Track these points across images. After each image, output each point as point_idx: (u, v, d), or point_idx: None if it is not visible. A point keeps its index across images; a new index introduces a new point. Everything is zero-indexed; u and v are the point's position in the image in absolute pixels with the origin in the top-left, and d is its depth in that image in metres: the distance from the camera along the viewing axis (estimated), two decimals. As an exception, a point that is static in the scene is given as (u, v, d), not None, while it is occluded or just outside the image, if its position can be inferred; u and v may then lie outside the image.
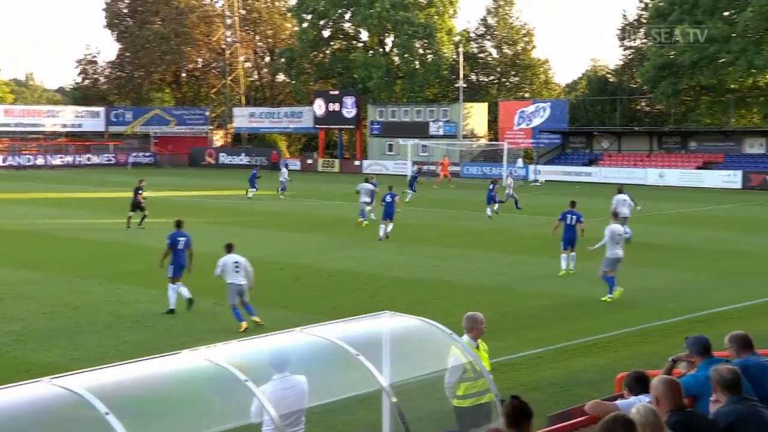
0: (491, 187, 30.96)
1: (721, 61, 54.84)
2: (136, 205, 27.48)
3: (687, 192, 45.48)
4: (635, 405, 4.91)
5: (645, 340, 12.95)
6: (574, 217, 19.31)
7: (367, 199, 28.70)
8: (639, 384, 6.02)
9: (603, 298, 16.07)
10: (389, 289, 17.32)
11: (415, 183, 33.73)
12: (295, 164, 67.83)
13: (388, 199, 25.47)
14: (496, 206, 30.67)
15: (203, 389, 5.62)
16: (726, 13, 55.12)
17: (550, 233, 20.51)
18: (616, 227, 16.86)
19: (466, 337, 7.73)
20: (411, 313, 7.32)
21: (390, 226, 25.10)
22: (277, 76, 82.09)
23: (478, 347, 7.85)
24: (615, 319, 14.41)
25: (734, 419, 5.30)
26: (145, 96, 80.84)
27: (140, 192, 27.80)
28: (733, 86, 55.97)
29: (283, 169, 42.61)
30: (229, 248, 14.29)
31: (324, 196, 41.29)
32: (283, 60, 74.94)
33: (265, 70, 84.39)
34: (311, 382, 6.26)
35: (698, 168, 51.57)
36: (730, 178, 48.21)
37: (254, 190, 39.13)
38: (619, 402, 6.04)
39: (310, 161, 68.48)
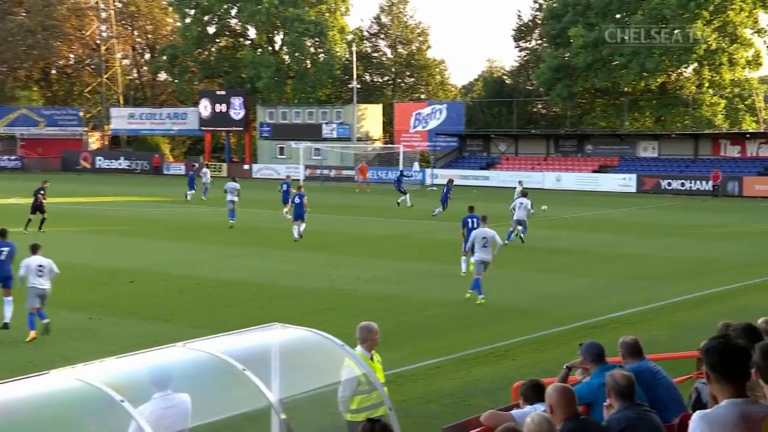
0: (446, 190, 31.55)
1: (614, 63, 57.57)
2: (37, 208, 27.61)
3: (584, 196, 47.38)
4: (530, 414, 5.07)
5: (543, 348, 13.37)
6: (475, 220, 19.70)
7: (235, 198, 30.26)
8: (535, 393, 6.22)
9: (477, 301, 16.53)
10: (281, 299, 17.21)
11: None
12: (179, 168, 66.34)
13: (297, 200, 26.54)
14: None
15: (74, 412, 5.41)
16: (618, 16, 57.98)
17: (459, 240, 20.64)
18: (484, 231, 17.41)
19: (359, 348, 7.76)
20: (303, 325, 7.28)
21: (303, 226, 26.34)
22: (158, 75, 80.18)
23: (372, 358, 7.90)
24: (513, 327, 14.82)
25: (626, 425, 5.56)
26: (9, 94, 77.06)
27: (42, 193, 27.93)
28: (626, 89, 58.83)
29: (206, 170, 45.63)
30: (35, 249, 14.19)
31: (210, 202, 40.54)
32: (164, 57, 73.29)
33: (146, 68, 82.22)
34: (195, 400, 6.14)
35: (594, 171, 53.85)
36: (625, 182, 50.60)
37: (192, 191, 41.07)
38: (514, 412, 6.21)
39: (195, 165, 67.06)
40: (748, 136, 51.36)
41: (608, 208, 39.34)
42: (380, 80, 78.03)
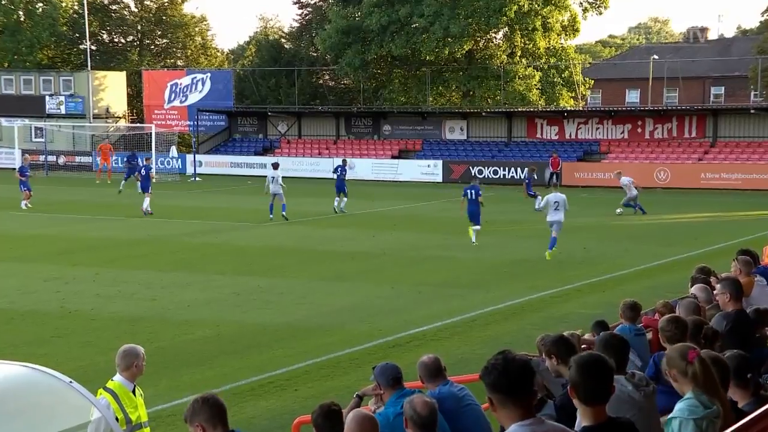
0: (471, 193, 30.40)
1: (413, 26, 59.68)
2: None
3: (381, 187, 48.77)
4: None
5: (331, 374, 13.59)
6: (473, 191, 26.61)
7: None
8: (329, 423, 6.29)
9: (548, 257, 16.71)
10: (-10, 328, 16.31)
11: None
12: None
13: None
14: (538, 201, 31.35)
15: None
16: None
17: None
18: (555, 195, 24.81)
19: (118, 378, 7.62)
20: (19, 359, 6.90)
21: None
22: None
23: (134, 392, 7.76)
24: (295, 350, 14.94)
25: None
26: None
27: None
28: (428, 58, 61.21)
29: None
30: None
31: None
32: None
33: None
34: None
35: (393, 157, 55.60)
36: (430, 170, 52.68)
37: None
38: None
39: None
40: (565, 114, 55.26)
41: (410, 201, 40.75)
42: (123, 41, 75.76)
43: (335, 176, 36.65)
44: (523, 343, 13.32)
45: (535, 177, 42.46)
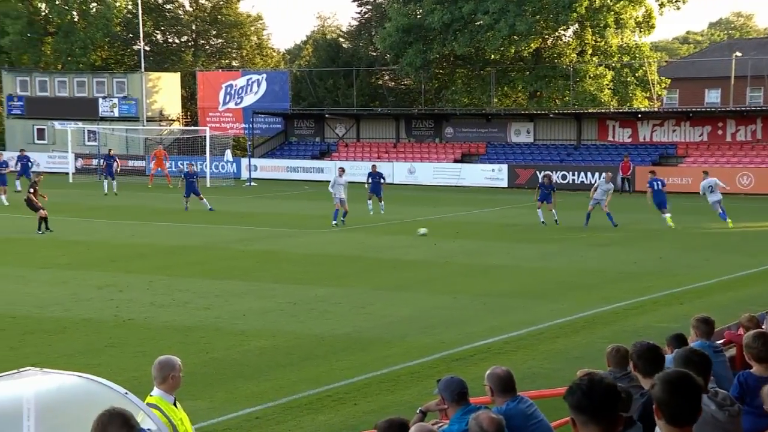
0: None
1: (477, 24, 59.53)
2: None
3: (443, 192, 48.69)
4: None
5: (392, 388, 13.59)
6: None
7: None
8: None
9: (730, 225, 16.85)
10: (41, 335, 16.69)
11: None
12: None
13: None
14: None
15: None
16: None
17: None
18: (710, 180, 30.44)
19: (157, 392, 7.63)
20: (73, 369, 7.02)
21: None
22: None
23: (175, 404, 7.77)
24: (354, 363, 14.98)
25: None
26: None
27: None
28: (493, 57, 61.00)
29: None
30: None
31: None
32: None
33: None
34: None
35: (456, 161, 55.50)
36: (494, 174, 52.45)
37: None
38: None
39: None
40: (639, 116, 54.63)
41: (474, 207, 40.63)
42: (177, 41, 76.82)
43: (370, 181, 36.87)
44: (594, 357, 13.22)
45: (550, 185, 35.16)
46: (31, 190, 31.97)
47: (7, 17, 64.16)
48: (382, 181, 37.41)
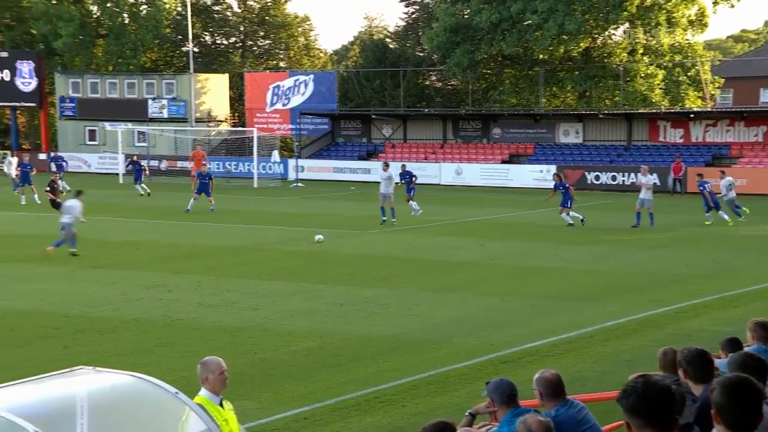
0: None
1: (526, 23, 59.27)
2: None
3: (491, 193, 48.56)
4: None
5: (440, 390, 13.59)
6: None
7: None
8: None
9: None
10: (92, 334, 16.93)
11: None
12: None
13: None
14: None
15: None
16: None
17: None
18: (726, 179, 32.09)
19: (204, 393, 7.70)
20: (124, 368, 7.10)
21: None
22: None
23: (221, 405, 7.83)
24: (401, 364, 14.99)
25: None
26: None
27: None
28: (541, 57, 60.69)
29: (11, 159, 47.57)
30: None
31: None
32: None
33: None
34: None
35: (504, 162, 55.31)
36: (542, 175, 52.14)
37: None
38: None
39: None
40: (691, 116, 54.02)
41: (521, 208, 40.46)
42: (225, 42, 77.42)
43: (402, 182, 36.70)
44: (645, 361, 13.11)
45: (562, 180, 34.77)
46: (48, 188, 32.48)
47: (60, 20, 65.12)
48: (413, 180, 37.20)
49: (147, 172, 46.86)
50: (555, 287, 21.77)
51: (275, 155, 58.30)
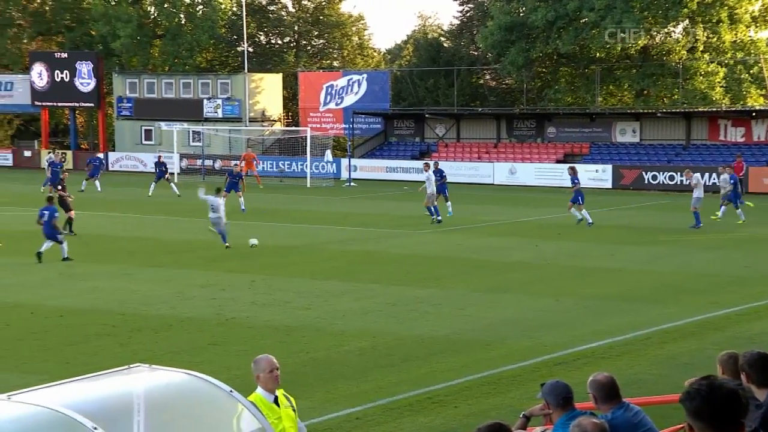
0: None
1: (582, 21, 58.79)
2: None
3: (545, 193, 48.27)
4: None
5: (493, 391, 13.56)
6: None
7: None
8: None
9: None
10: (148, 332, 17.17)
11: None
12: (5, 157, 64.80)
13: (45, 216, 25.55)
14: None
15: None
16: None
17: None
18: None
19: (259, 391, 7.76)
20: (178, 366, 7.19)
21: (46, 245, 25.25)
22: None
23: (277, 402, 7.87)
24: (454, 364, 14.98)
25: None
26: None
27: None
28: (598, 55, 60.15)
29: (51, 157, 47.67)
30: None
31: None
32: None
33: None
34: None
35: (558, 162, 54.92)
36: (598, 175, 51.69)
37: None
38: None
39: (28, 153, 65.69)
40: (753, 114, 53.17)
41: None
42: (279, 42, 77.89)
43: (437, 179, 36.20)
44: (704, 364, 12.95)
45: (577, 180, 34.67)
46: (59, 187, 32.85)
47: (119, 21, 65.97)
48: (444, 178, 36.16)
49: (168, 176, 46.97)
50: (611, 288, 21.60)
51: (328, 155, 58.49)
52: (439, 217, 33.49)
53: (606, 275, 23.41)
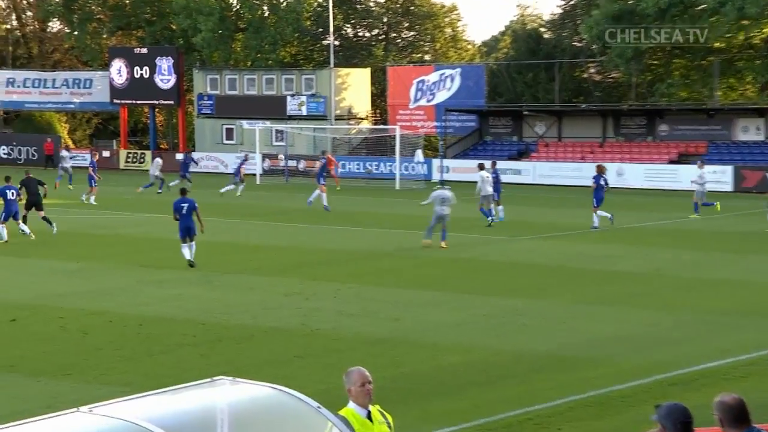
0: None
1: (699, 8, 57.72)
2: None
3: (656, 196, 47.59)
4: None
5: (602, 413, 13.39)
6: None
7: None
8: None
9: None
10: (230, 343, 17.37)
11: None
12: (83, 158, 66.15)
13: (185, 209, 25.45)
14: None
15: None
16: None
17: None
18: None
19: (352, 406, 7.77)
20: (261, 379, 7.23)
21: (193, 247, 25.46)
22: (49, 24, 79.98)
23: (370, 418, 7.86)
24: (557, 383, 14.82)
25: None
26: None
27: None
28: (717, 45, 59.00)
29: (158, 160, 49.68)
30: None
31: (131, 206, 40.58)
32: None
33: (30, 13, 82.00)
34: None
35: (672, 162, 54.07)
36: (716, 176, 50.50)
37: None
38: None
39: (106, 153, 67.10)
40: None
41: (691, 213, 39.42)
42: (368, 35, 78.24)
43: (492, 179, 35.82)
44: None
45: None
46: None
47: (200, 14, 66.79)
48: (498, 180, 36.70)
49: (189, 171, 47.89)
50: (734, 302, 21.15)
51: (419, 155, 58.38)
52: (492, 218, 34.25)
53: (729, 287, 22.95)
